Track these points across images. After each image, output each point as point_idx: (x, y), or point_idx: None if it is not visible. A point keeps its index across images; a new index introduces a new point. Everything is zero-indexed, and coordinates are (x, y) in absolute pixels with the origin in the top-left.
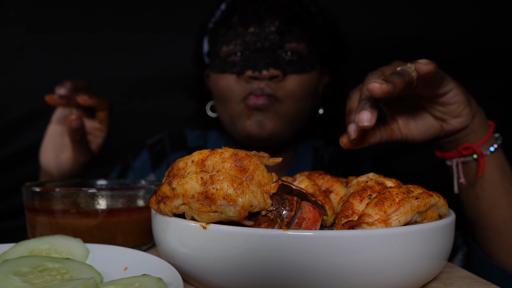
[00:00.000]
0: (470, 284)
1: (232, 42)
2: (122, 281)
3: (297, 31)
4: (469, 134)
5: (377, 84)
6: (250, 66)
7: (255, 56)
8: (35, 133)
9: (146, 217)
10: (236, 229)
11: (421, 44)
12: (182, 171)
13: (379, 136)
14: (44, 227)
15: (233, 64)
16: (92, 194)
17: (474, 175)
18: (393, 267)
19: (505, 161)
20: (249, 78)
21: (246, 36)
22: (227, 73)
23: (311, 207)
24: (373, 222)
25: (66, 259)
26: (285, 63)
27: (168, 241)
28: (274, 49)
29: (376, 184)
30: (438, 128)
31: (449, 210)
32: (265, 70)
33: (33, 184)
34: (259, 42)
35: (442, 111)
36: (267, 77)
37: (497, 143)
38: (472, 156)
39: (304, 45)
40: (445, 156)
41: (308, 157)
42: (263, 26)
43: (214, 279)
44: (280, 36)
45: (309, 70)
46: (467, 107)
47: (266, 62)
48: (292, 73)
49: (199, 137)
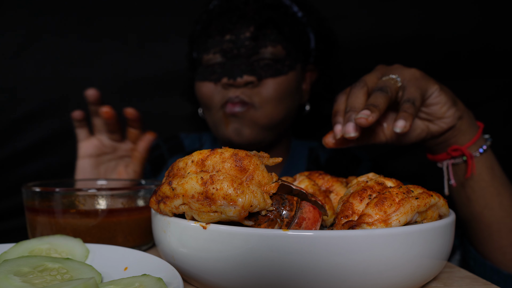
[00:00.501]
0: (470, 284)
1: (211, 50)
2: (122, 281)
3: (272, 34)
4: (457, 135)
5: (363, 119)
6: (226, 73)
7: (231, 63)
8: (35, 133)
9: (146, 217)
10: (236, 229)
11: (420, 44)
12: (182, 171)
13: (360, 139)
14: (44, 227)
15: (212, 72)
16: (92, 194)
17: (464, 176)
18: (393, 267)
19: (495, 162)
20: (226, 85)
21: (223, 44)
22: (207, 80)
23: (311, 207)
24: (373, 222)
25: (66, 259)
26: (260, 68)
27: (168, 241)
28: (249, 55)
29: (376, 184)
30: (424, 129)
31: (449, 210)
32: (239, 77)
33: (33, 184)
34: (235, 49)
35: (426, 112)
36: (242, 83)
37: (487, 144)
38: (461, 158)
39: (280, 47)
40: (435, 159)
41: (303, 157)
42: (238, 33)
43: (214, 279)
44: (255, 41)
45: (287, 71)
46: (451, 108)
47: (241, 69)
48: (268, 77)
49: (194, 141)
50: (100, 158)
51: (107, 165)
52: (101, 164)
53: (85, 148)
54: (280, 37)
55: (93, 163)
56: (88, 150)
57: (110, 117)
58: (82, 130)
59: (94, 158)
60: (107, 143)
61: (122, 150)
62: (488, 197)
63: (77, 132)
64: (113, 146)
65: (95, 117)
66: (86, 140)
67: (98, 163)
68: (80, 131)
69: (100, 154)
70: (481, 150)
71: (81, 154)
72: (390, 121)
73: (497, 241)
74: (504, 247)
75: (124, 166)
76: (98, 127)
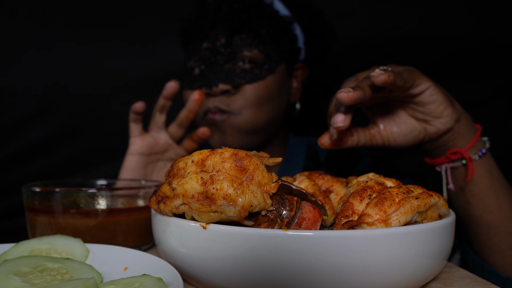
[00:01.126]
0: (470, 284)
1: (192, 57)
2: (122, 281)
3: (248, 39)
4: (456, 138)
5: (344, 93)
6: (204, 82)
7: (208, 71)
8: (35, 133)
9: (146, 217)
10: (236, 229)
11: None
12: (182, 171)
13: (357, 139)
14: (44, 227)
15: (193, 80)
16: (92, 194)
17: (464, 180)
18: (393, 267)
19: (493, 164)
20: (205, 94)
21: (201, 51)
22: (189, 89)
23: (311, 207)
24: (373, 222)
25: (66, 259)
26: (236, 75)
27: (168, 241)
28: (225, 61)
29: (376, 184)
30: (421, 130)
31: (449, 210)
32: (214, 86)
33: (33, 184)
34: (212, 56)
35: (423, 112)
36: (217, 92)
37: (485, 147)
38: (460, 161)
39: (257, 51)
40: (434, 162)
41: (301, 154)
42: (214, 40)
43: (214, 279)
44: (230, 47)
45: (265, 76)
46: (448, 108)
47: (216, 77)
48: (244, 84)
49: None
50: (150, 157)
51: (155, 165)
52: (150, 163)
53: (138, 144)
54: (256, 41)
55: (143, 161)
56: (141, 147)
57: (200, 102)
58: (137, 125)
59: (145, 157)
60: (162, 142)
61: (172, 153)
62: (487, 200)
63: (131, 127)
64: (166, 146)
65: (159, 113)
66: (140, 136)
67: (147, 162)
68: (134, 127)
69: (152, 153)
70: (480, 154)
71: (131, 150)
72: (387, 123)
73: (496, 245)
74: (503, 250)
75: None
76: (158, 123)
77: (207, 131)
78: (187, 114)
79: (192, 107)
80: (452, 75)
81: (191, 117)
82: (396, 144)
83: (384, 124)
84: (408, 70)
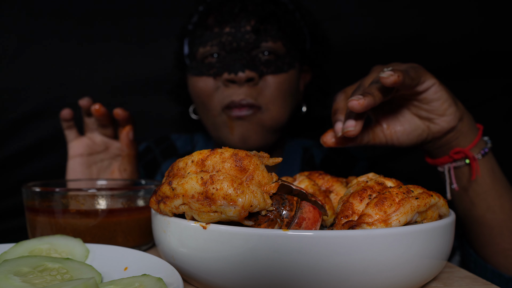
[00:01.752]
0: (470, 284)
1: (209, 43)
2: (122, 281)
3: (273, 30)
4: (459, 137)
5: (355, 101)
6: (226, 68)
7: (231, 57)
8: (35, 133)
9: (146, 217)
10: (236, 229)
11: (420, 44)
12: (182, 171)
13: (360, 138)
14: (44, 227)
15: (209, 66)
16: (92, 194)
17: (467, 179)
18: (393, 267)
19: (495, 164)
20: (226, 81)
21: (222, 36)
22: (204, 75)
23: (311, 207)
24: (373, 222)
25: (66, 259)
26: (262, 64)
27: (168, 241)
28: (250, 49)
29: (376, 184)
30: (425, 129)
31: (449, 210)
32: (241, 72)
33: (33, 184)
34: (235, 42)
35: (427, 110)
36: (243, 79)
37: (487, 147)
38: (464, 161)
39: (281, 44)
40: (436, 162)
41: (297, 157)
42: (239, 26)
43: (214, 279)
44: (256, 35)
45: (287, 69)
46: (452, 106)
47: (242, 63)
48: (269, 74)
49: (186, 142)
50: (92, 157)
51: (100, 165)
52: (93, 164)
53: (76, 147)
54: (280, 33)
55: (85, 162)
56: (79, 149)
57: (101, 114)
58: (71, 131)
59: (85, 157)
60: (98, 141)
61: (114, 149)
62: (490, 200)
63: (66, 134)
64: (105, 143)
65: (86, 116)
66: (76, 139)
67: (90, 163)
68: (69, 132)
69: (92, 153)
70: (483, 152)
71: (71, 154)
72: (390, 122)
73: (499, 244)
74: (506, 250)
75: (118, 166)
76: (89, 125)
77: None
78: (94, 112)
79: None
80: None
81: (101, 111)
82: (400, 143)
83: (388, 123)
84: (413, 67)
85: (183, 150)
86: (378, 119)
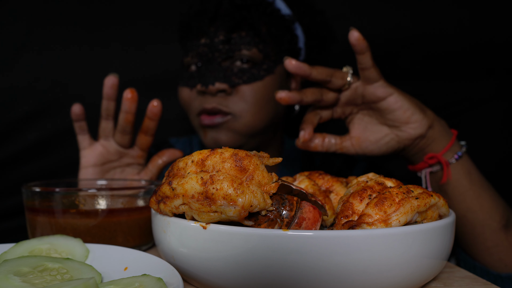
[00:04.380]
0: (470, 284)
1: (189, 53)
2: (122, 281)
3: (248, 37)
4: (431, 144)
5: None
6: (200, 79)
7: (205, 68)
8: (36, 133)
9: (146, 217)
10: (236, 229)
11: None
12: (182, 171)
13: (327, 146)
14: (44, 227)
15: (190, 77)
16: (92, 194)
17: (439, 182)
18: (393, 267)
19: (472, 166)
20: (199, 92)
21: (199, 47)
22: (184, 85)
23: (311, 207)
24: (373, 222)
25: (66, 259)
26: (234, 75)
27: (168, 241)
28: (223, 59)
29: (376, 184)
30: (393, 137)
31: (449, 210)
32: (211, 84)
33: (33, 184)
34: (210, 53)
35: (391, 119)
36: (213, 91)
37: (462, 151)
38: (439, 165)
39: (256, 50)
40: (415, 168)
41: (297, 158)
42: (213, 36)
43: (214, 279)
44: (228, 45)
45: (263, 76)
46: (416, 113)
47: (213, 76)
48: (241, 84)
49: (185, 145)
50: (105, 166)
51: (113, 173)
52: (107, 172)
53: (89, 156)
54: (256, 39)
55: (98, 172)
56: (93, 159)
57: (135, 101)
58: (84, 136)
59: (99, 167)
60: (113, 150)
61: (129, 157)
62: (468, 200)
63: (79, 139)
64: (120, 153)
65: (105, 120)
66: (90, 147)
67: (103, 172)
68: (82, 138)
69: (105, 162)
70: (457, 157)
71: (84, 163)
72: (358, 131)
73: (482, 243)
74: (490, 248)
75: (136, 174)
76: (105, 131)
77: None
78: (125, 117)
79: (127, 107)
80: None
81: (130, 119)
82: (370, 152)
83: (355, 132)
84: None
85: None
86: (349, 129)
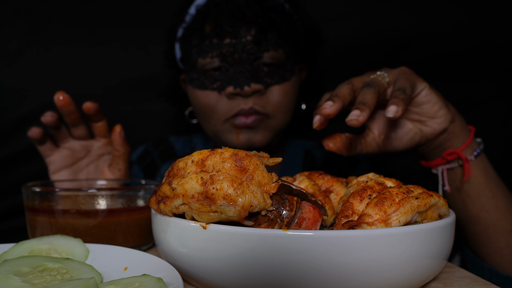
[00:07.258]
0: (470, 284)
1: (209, 54)
2: (122, 281)
3: (274, 38)
4: (451, 139)
5: (354, 121)
6: (230, 81)
7: (233, 69)
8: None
9: (146, 217)
10: (236, 229)
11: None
12: (182, 171)
13: (353, 148)
14: (44, 227)
15: (212, 79)
16: (92, 194)
17: (460, 180)
18: (393, 267)
19: (488, 164)
20: (231, 95)
21: (223, 48)
22: (208, 89)
23: (311, 207)
24: (373, 222)
25: (66, 259)
26: (265, 75)
27: (168, 241)
28: (252, 60)
29: (376, 184)
30: (417, 132)
31: (449, 210)
32: (246, 86)
33: (33, 184)
34: (237, 53)
35: (418, 112)
36: (249, 93)
37: (480, 148)
38: (457, 162)
39: (281, 51)
40: (430, 165)
41: (299, 159)
42: (239, 36)
43: (214, 279)
44: (257, 45)
45: (290, 77)
46: (443, 108)
47: (246, 77)
48: (274, 85)
49: (185, 144)
50: (76, 166)
51: (87, 170)
52: (80, 171)
53: (57, 161)
54: (280, 40)
55: (70, 173)
56: (61, 162)
57: (67, 104)
58: (44, 145)
59: (69, 168)
60: (77, 147)
61: (96, 149)
62: (483, 199)
63: (41, 150)
64: (85, 147)
65: (53, 129)
66: (54, 154)
67: (76, 172)
68: (42, 149)
69: (75, 161)
70: (476, 153)
71: (53, 169)
72: (382, 128)
73: (494, 243)
74: (502, 249)
75: (108, 166)
76: (60, 135)
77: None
78: (70, 118)
79: (67, 111)
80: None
81: (75, 117)
82: (393, 148)
83: (379, 130)
84: (406, 78)
85: (182, 152)
86: (369, 127)
